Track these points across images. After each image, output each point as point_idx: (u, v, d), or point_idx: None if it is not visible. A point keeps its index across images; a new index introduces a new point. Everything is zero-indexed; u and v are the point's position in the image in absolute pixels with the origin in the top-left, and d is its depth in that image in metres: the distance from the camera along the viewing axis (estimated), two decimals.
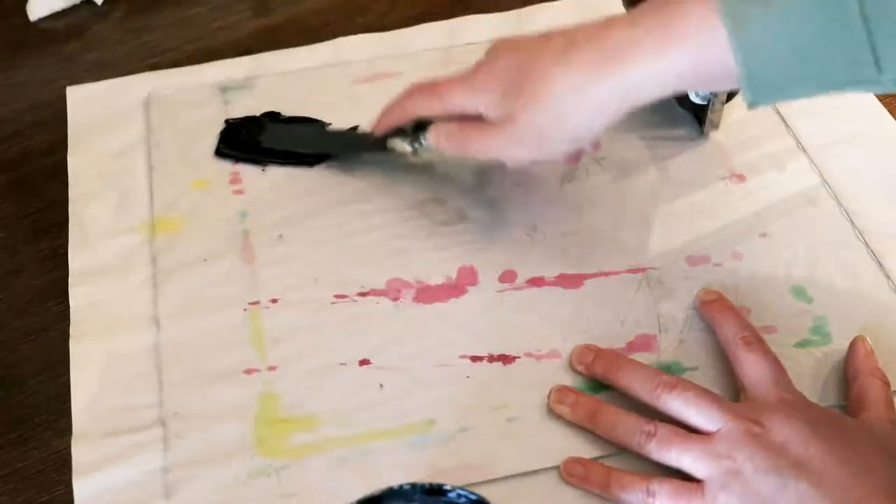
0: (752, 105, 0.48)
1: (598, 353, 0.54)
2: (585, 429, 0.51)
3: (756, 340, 0.52)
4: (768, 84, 0.47)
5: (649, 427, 0.49)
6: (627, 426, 0.50)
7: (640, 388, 0.51)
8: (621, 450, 0.50)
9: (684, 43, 0.47)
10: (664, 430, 0.49)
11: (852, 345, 0.54)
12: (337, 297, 0.58)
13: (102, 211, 0.62)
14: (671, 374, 0.51)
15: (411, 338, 0.56)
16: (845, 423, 0.48)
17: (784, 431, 0.47)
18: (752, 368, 0.51)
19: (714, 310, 0.55)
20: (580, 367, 0.54)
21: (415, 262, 0.59)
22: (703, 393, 0.50)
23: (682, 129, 0.66)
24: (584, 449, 0.51)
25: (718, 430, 0.48)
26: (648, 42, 0.48)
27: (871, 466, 0.46)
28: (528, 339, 0.56)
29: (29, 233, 0.62)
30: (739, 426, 0.48)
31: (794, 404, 0.49)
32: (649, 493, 0.48)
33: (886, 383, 0.51)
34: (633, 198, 0.63)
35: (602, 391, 0.53)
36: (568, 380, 0.54)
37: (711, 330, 0.55)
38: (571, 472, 0.50)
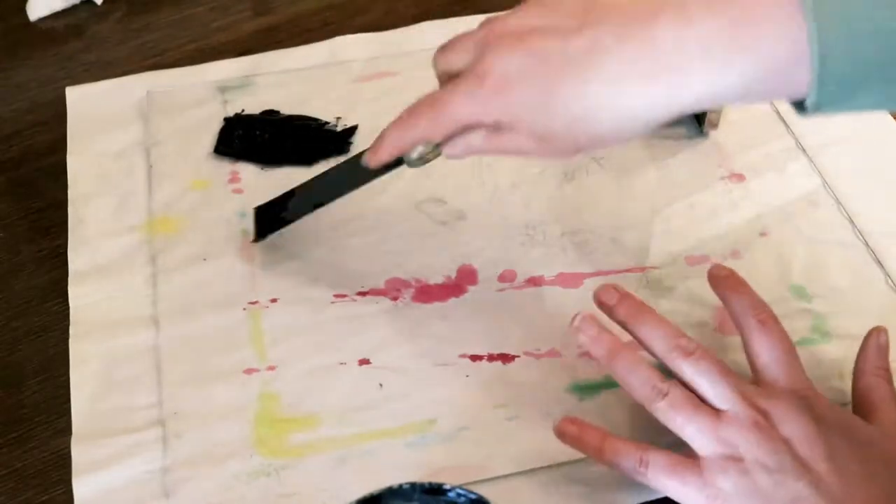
0: (813, 110, 0.41)
1: (623, 296, 0.51)
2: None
3: (771, 320, 0.50)
4: (842, 83, 0.40)
5: (663, 385, 0.47)
6: (643, 376, 0.48)
7: (657, 344, 0.49)
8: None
9: (756, 48, 0.41)
10: (677, 392, 0.47)
11: (865, 339, 0.52)
12: (336, 296, 0.58)
13: (102, 211, 0.62)
14: (690, 340, 0.49)
15: (411, 337, 0.56)
16: (855, 424, 0.48)
17: (791, 427, 0.46)
18: (765, 350, 0.49)
19: (727, 286, 0.52)
20: (602, 308, 0.51)
21: (414, 262, 0.59)
22: (719, 366, 0.48)
23: (681, 129, 0.66)
24: None
25: (726, 411, 0.47)
26: (710, 48, 0.41)
27: (875, 473, 0.46)
28: (527, 339, 0.56)
29: (29, 233, 0.62)
30: (748, 414, 0.46)
31: (806, 398, 0.48)
32: (642, 463, 0.47)
33: (890, 383, 0.50)
34: (633, 198, 0.63)
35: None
36: (567, 379, 0.54)
37: (711, 329, 0.55)
38: (565, 432, 0.49)
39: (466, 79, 0.47)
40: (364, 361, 0.55)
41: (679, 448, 0.48)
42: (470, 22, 0.72)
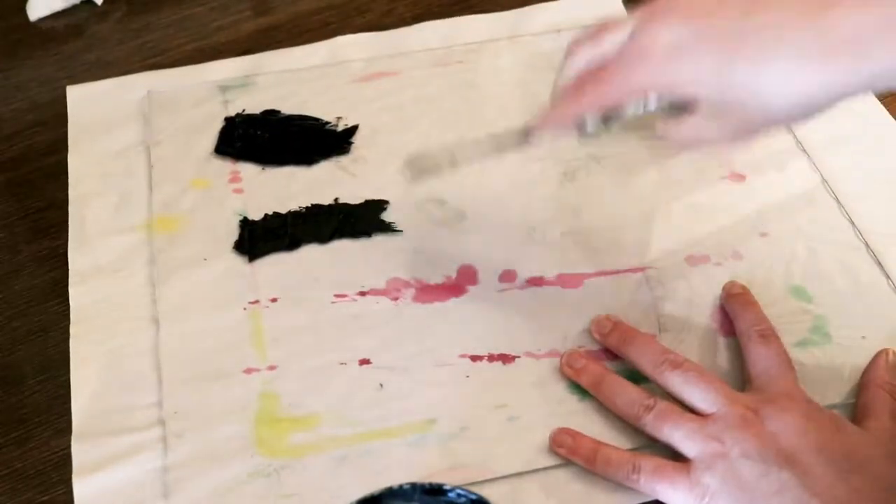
0: None
1: (615, 325, 0.54)
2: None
3: (771, 335, 0.53)
4: None
5: (649, 401, 0.50)
6: (628, 397, 0.51)
7: (646, 361, 0.52)
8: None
9: None
10: (662, 405, 0.50)
11: (876, 355, 0.54)
12: (337, 296, 0.58)
13: (102, 210, 0.62)
14: (678, 354, 0.52)
15: (411, 337, 0.56)
16: (843, 425, 0.48)
17: (777, 422, 0.47)
18: (761, 360, 0.52)
19: (737, 302, 0.55)
20: (597, 336, 0.55)
21: (414, 262, 0.59)
22: (706, 375, 0.50)
23: None
24: None
25: (714, 413, 0.48)
26: (887, 32, 0.40)
27: (860, 468, 0.46)
28: (527, 339, 0.56)
29: (29, 233, 0.62)
30: (735, 411, 0.48)
31: (794, 398, 0.49)
32: (634, 469, 0.48)
33: (894, 397, 0.51)
34: (633, 198, 0.63)
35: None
36: (567, 379, 0.54)
37: (711, 330, 0.56)
38: (560, 444, 0.51)
39: (630, 52, 0.45)
40: (364, 361, 0.55)
41: (675, 454, 0.49)
42: (470, 22, 0.73)
